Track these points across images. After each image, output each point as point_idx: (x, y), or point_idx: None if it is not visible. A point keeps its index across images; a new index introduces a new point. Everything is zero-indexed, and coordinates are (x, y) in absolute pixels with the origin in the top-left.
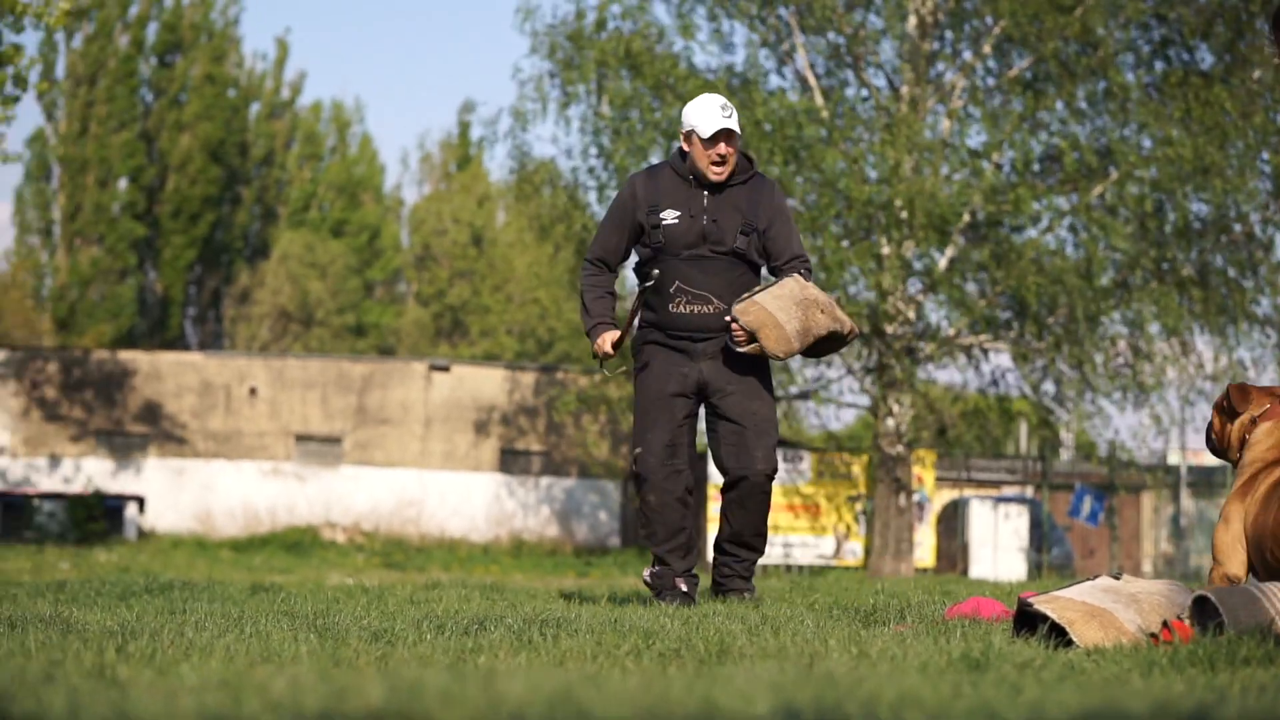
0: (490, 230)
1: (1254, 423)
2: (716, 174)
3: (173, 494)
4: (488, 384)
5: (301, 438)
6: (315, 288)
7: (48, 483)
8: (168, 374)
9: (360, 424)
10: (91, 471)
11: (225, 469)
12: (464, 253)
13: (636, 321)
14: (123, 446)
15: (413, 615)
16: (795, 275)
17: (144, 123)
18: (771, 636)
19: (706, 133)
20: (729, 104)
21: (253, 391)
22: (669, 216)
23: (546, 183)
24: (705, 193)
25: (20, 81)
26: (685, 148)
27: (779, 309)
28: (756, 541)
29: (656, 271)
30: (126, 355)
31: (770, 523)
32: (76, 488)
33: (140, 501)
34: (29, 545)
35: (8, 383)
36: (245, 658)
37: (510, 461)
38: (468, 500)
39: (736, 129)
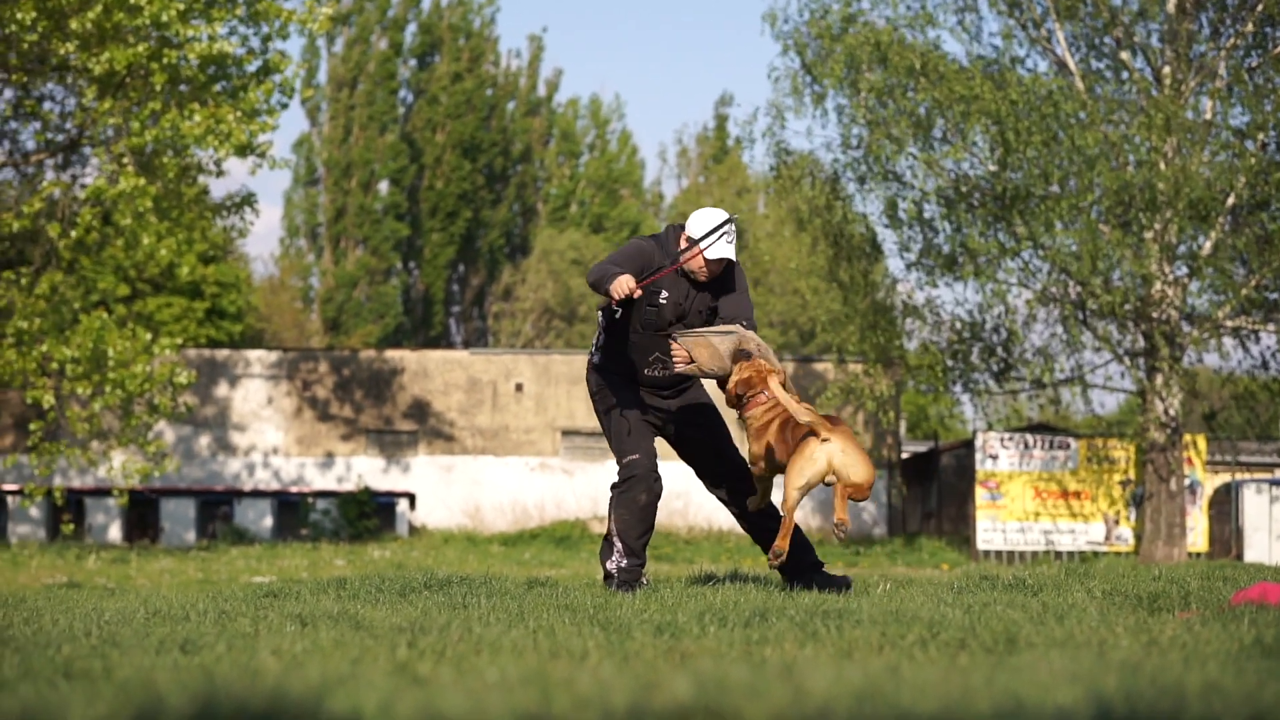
0: (750, 222)
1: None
2: (705, 279)
3: (442, 490)
4: None
5: (567, 432)
6: (577, 284)
7: (320, 481)
8: (435, 372)
9: None
10: (362, 469)
11: (493, 465)
12: None
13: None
14: (392, 444)
15: (692, 608)
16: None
17: (404, 124)
18: (1056, 625)
19: (711, 255)
20: (733, 228)
21: (519, 387)
22: (663, 298)
23: (806, 175)
24: (689, 285)
25: (287, 88)
26: (683, 243)
27: (719, 340)
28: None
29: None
30: (394, 354)
31: (1032, 510)
32: (348, 486)
33: (411, 498)
34: (304, 543)
35: (280, 384)
36: (535, 653)
37: None
38: None
39: (734, 256)
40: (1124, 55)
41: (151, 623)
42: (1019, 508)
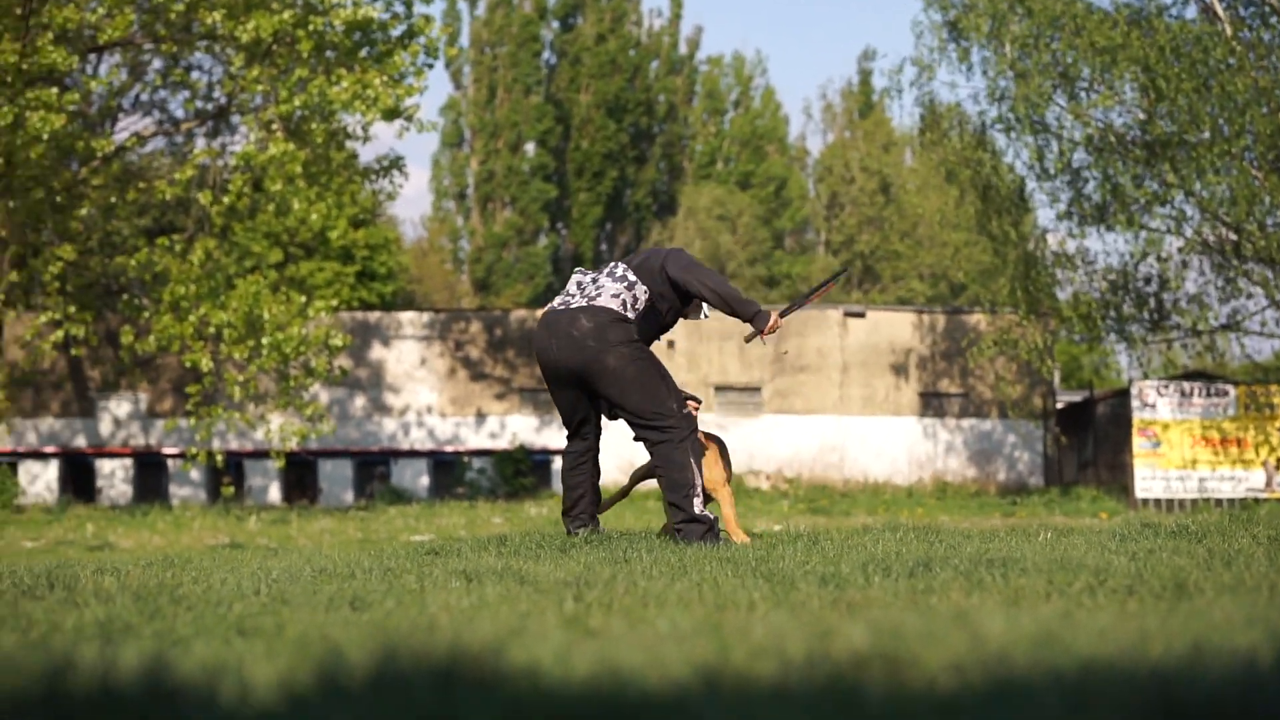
0: (897, 176)
1: None
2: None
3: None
4: (902, 328)
5: (721, 388)
6: (725, 240)
7: (475, 440)
8: None
9: (778, 372)
10: (516, 428)
11: None
12: (871, 200)
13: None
14: (546, 403)
15: (855, 559)
16: None
17: (548, 86)
18: (1224, 570)
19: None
20: None
21: (671, 345)
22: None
23: (953, 127)
24: None
25: (432, 51)
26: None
27: None
28: None
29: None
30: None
31: (1190, 457)
32: (503, 444)
33: None
34: (461, 501)
35: (433, 344)
36: (701, 605)
37: (929, 404)
38: (889, 444)
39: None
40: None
41: (318, 580)
42: (1178, 455)
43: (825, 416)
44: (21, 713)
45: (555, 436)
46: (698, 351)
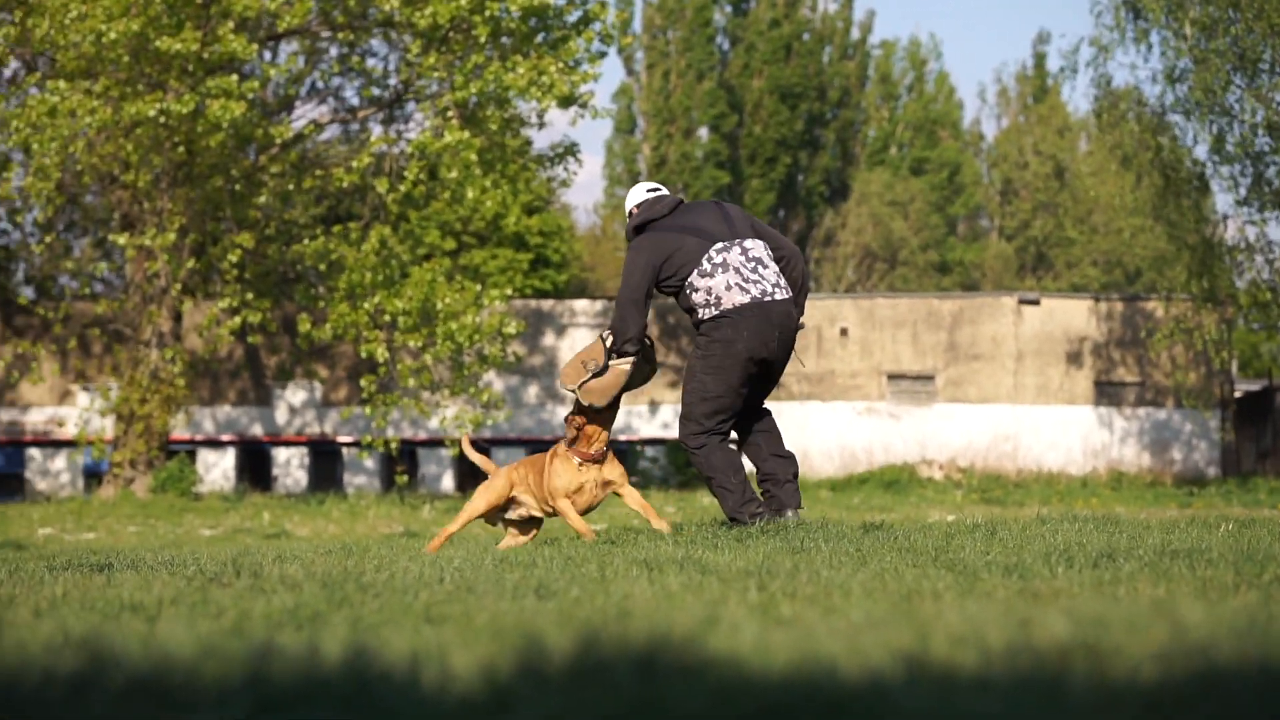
0: (1072, 161)
1: None
2: None
3: None
4: (1077, 316)
5: (894, 376)
6: (898, 226)
7: (648, 429)
8: None
9: (952, 360)
10: None
11: (820, 410)
12: (1045, 185)
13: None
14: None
15: (1037, 549)
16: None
17: (721, 71)
18: None
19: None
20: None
21: (844, 332)
22: None
23: (1130, 110)
24: None
25: (606, 37)
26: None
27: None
28: None
29: None
30: None
31: None
32: (674, 433)
33: (736, 444)
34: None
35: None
36: (885, 595)
37: (1104, 393)
38: (1064, 433)
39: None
40: None
41: (500, 569)
42: None
43: (999, 405)
44: (228, 700)
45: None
46: (870, 339)
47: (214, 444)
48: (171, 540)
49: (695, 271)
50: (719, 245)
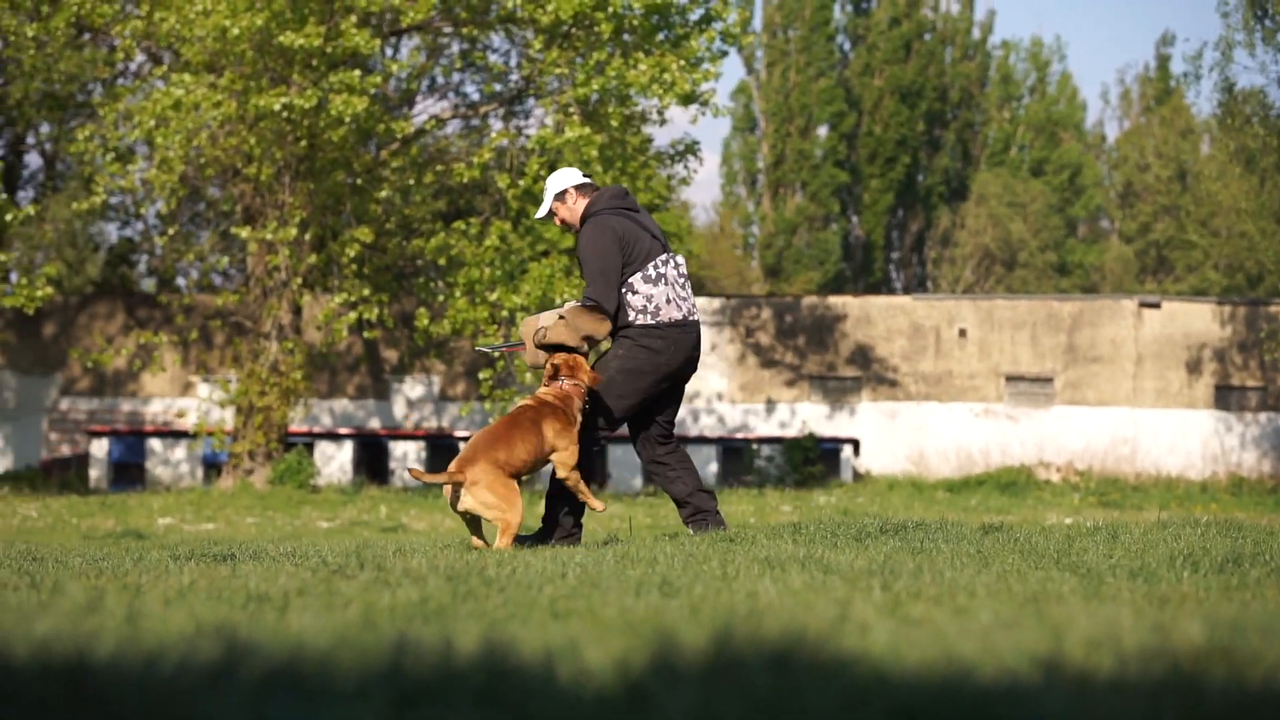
0: (1194, 164)
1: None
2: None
3: (886, 436)
4: (1198, 320)
5: (1012, 378)
6: (1017, 228)
7: (764, 427)
8: (877, 318)
9: (1071, 363)
10: (806, 415)
11: (937, 411)
12: (1167, 188)
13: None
14: (835, 390)
15: (1160, 553)
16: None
17: (841, 70)
18: None
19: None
20: (552, 187)
21: (962, 333)
22: None
23: (1255, 114)
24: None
25: (728, 36)
26: None
27: (544, 321)
28: None
29: None
30: (836, 300)
31: None
32: (791, 432)
33: (855, 444)
34: (749, 489)
35: (723, 330)
36: (1010, 597)
37: (1225, 397)
38: (1183, 437)
39: (540, 216)
40: None
41: (622, 564)
42: None
43: (1118, 408)
44: (365, 692)
45: (844, 425)
46: (989, 340)
47: (332, 437)
48: (290, 532)
49: (640, 275)
50: (663, 255)
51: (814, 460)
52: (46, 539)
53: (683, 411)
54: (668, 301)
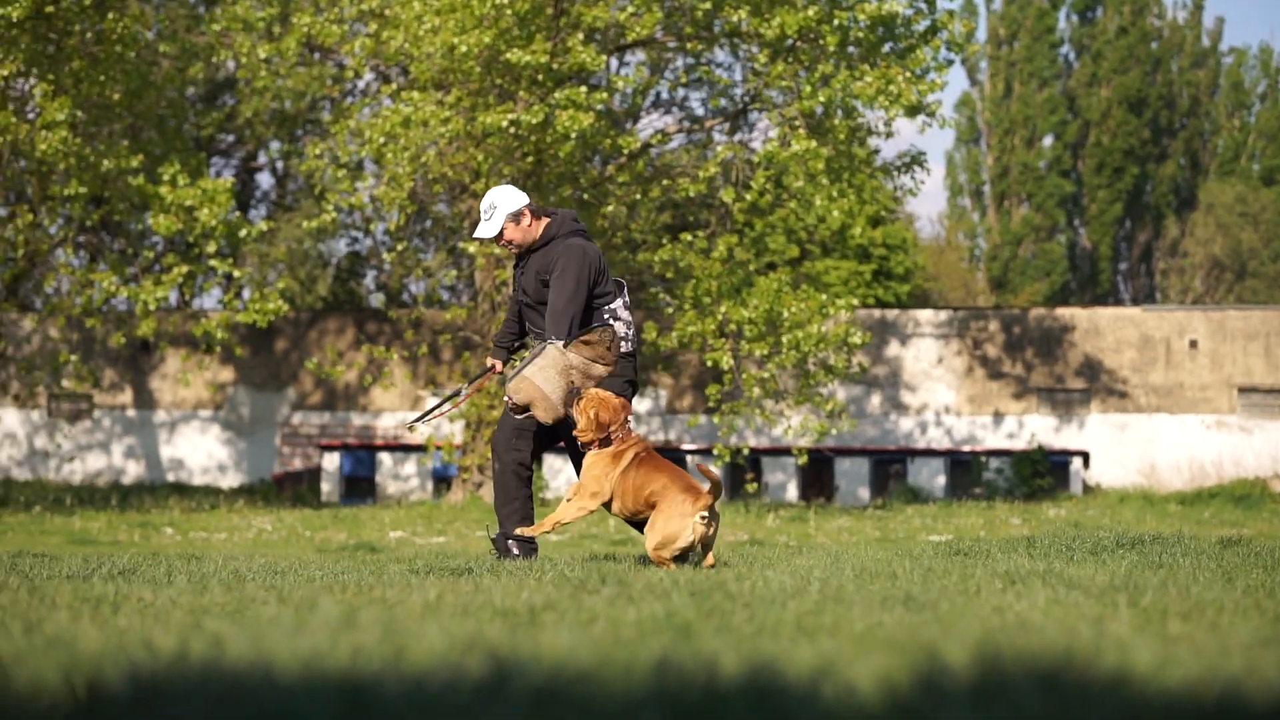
0: None
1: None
2: (512, 254)
3: (1115, 448)
4: None
5: (1245, 389)
6: (1246, 237)
7: (991, 440)
8: (1106, 329)
9: None
10: (1034, 428)
11: (1168, 423)
12: None
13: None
14: (1064, 402)
15: None
16: (554, 343)
17: (1065, 80)
18: None
19: (476, 235)
20: (490, 208)
21: (1193, 344)
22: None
23: None
24: (518, 261)
25: (954, 46)
26: None
27: (544, 380)
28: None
29: None
30: (1064, 312)
31: None
32: (1019, 444)
33: (1085, 456)
34: (977, 501)
35: (950, 343)
36: (1261, 613)
37: None
38: None
39: (489, 235)
40: None
41: (861, 579)
42: None
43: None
44: (634, 712)
45: (1073, 437)
46: (1220, 351)
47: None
48: None
49: (621, 301)
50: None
51: (1043, 473)
52: (282, 552)
53: (910, 424)
54: (632, 331)
